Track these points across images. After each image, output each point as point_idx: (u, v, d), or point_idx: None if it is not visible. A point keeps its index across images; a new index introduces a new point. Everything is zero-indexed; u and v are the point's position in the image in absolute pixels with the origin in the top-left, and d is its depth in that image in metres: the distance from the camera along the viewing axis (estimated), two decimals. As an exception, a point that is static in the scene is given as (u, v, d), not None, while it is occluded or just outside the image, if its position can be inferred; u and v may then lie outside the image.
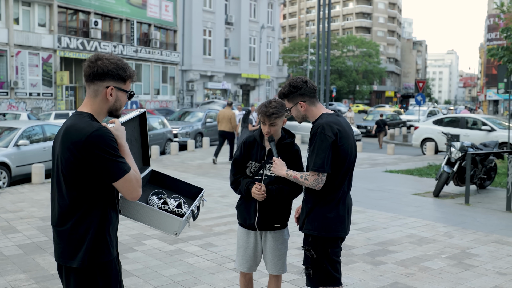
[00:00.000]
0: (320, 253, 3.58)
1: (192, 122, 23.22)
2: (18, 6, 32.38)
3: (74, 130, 2.56)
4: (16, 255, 6.40)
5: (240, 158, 4.04)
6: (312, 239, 3.60)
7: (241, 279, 4.17)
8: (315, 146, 3.45)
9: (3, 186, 11.83)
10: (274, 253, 3.99)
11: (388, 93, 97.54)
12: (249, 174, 3.99)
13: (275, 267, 4.02)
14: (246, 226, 4.01)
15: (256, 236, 4.02)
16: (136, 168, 2.65)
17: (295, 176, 3.57)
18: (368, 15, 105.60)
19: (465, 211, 9.26)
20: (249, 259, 4.04)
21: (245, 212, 3.98)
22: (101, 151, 2.50)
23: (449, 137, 11.72)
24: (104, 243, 2.64)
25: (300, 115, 3.68)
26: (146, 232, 7.51)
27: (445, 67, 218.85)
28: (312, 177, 3.46)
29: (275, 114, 3.78)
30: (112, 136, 2.56)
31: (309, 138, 3.57)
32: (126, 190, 2.58)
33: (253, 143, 4.01)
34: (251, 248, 4.03)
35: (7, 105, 31.15)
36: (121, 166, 2.53)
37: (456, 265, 6.11)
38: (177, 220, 2.98)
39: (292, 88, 3.62)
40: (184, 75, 47.67)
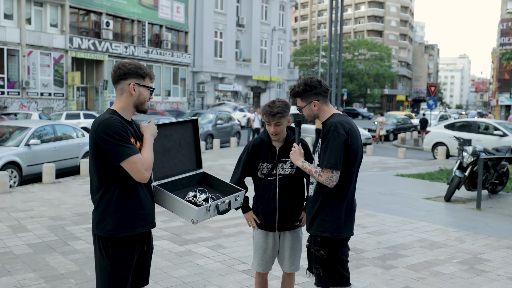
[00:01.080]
0: (330, 253, 3.59)
1: (202, 124, 23.23)
2: (30, 6, 32.60)
3: (95, 121, 3.11)
4: (26, 254, 6.41)
5: (247, 161, 4.05)
6: (322, 239, 3.60)
7: (257, 279, 4.22)
8: (329, 144, 3.47)
9: (14, 186, 11.88)
10: (292, 251, 4.08)
11: (399, 97, 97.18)
12: (261, 176, 4.01)
13: (292, 265, 4.09)
14: (265, 227, 4.03)
15: (275, 236, 4.08)
16: (148, 156, 3.10)
17: (310, 170, 3.59)
18: (380, 18, 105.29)
19: (477, 216, 9.18)
20: (268, 260, 4.11)
21: (263, 214, 4.01)
22: (107, 135, 3.01)
23: (461, 142, 11.62)
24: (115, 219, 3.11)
25: (312, 114, 3.69)
26: (156, 233, 7.50)
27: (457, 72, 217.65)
28: (326, 174, 3.47)
29: (279, 113, 3.83)
30: (119, 125, 3.05)
31: (320, 137, 3.59)
32: (131, 171, 3.04)
33: (261, 145, 4.03)
34: (270, 249, 4.09)
35: (18, 105, 31.35)
36: (125, 149, 3.01)
37: (468, 270, 6.04)
38: (193, 209, 3.30)
39: (308, 87, 3.63)
40: (195, 77, 47.75)
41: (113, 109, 3.19)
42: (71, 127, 14.81)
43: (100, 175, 3.12)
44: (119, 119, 3.09)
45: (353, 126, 3.58)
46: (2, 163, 11.66)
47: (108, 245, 3.12)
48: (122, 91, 3.19)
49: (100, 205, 3.14)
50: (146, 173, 3.05)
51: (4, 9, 31.12)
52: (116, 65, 3.23)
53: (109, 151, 3.01)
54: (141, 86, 3.20)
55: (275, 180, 3.95)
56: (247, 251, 6.62)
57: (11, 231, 7.58)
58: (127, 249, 3.14)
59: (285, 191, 3.96)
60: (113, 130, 3.00)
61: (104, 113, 3.15)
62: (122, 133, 3.02)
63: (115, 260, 3.12)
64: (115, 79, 3.20)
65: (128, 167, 3.02)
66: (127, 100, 3.19)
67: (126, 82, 3.17)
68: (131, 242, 3.16)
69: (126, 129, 3.10)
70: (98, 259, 3.18)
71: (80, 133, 14.71)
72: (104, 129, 3.01)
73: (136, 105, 3.22)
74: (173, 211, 3.38)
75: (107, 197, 3.11)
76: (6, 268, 5.85)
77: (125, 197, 3.12)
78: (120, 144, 3.00)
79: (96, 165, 3.11)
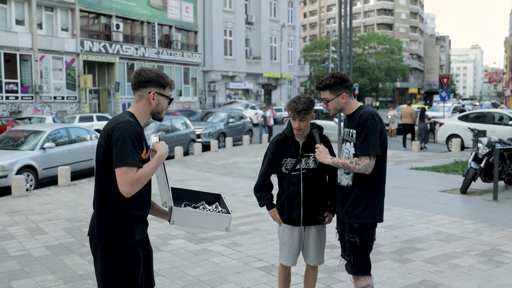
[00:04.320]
0: (365, 240, 3.74)
1: (214, 123, 23.26)
2: (41, 11, 32.86)
3: (112, 120, 3.04)
4: (44, 256, 6.47)
5: (273, 156, 4.14)
6: (359, 226, 3.73)
7: (281, 272, 4.29)
8: (369, 132, 3.63)
9: (30, 189, 11.98)
10: (317, 245, 4.15)
11: (411, 90, 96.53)
12: (285, 171, 4.09)
13: (317, 258, 4.17)
14: (290, 221, 4.09)
15: (301, 231, 4.14)
16: (144, 172, 2.92)
17: (344, 162, 3.69)
18: (389, 11, 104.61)
19: (494, 208, 9.10)
20: (295, 253, 4.16)
21: (289, 208, 4.08)
22: (120, 137, 2.90)
23: (475, 133, 11.52)
24: (125, 227, 2.99)
25: (338, 107, 3.82)
26: (171, 232, 7.53)
27: (469, 62, 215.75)
28: (364, 161, 3.63)
29: (305, 110, 3.90)
30: (136, 130, 2.94)
31: (356, 126, 3.69)
32: (118, 180, 2.88)
33: (285, 140, 4.11)
34: (297, 243, 4.15)
35: (32, 109, 31.62)
36: (127, 157, 2.87)
37: (486, 262, 5.99)
38: (227, 217, 3.33)
39: (338, 79, 3.77)
40: (205, 76, 47.82)
41: (131, 112, 3.12)
42: (84, 130, 14.91)
43: (108, 177, 2.98)
44: (137, 125, 3.00)
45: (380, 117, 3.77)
46: (18, 167, 11.76)
47: (115, 253, 2.98)
48: (141, 98, 3.12)
49: (106, 209, 2.99)
50: (128, 188, 2.87)
51: (15, 15, 31.40)
52: (138, 71, 3.15)
53: (115, 152, 2.89)
54: (161, 95, 3.14)
55: (299, 175, 4.02)
56: (263, 248, 6.63)
57: (29, 233, 7.66)
58: (133, 256, 3.02)
59: (309, 185, 4.03)
60: (128, 133, 2.90)
61: (124, 114, 3.07)
62: (135, 140, 2.92)
63: (123, 269, 2.99)
64: (135, 85, 3.13)
65: (118, 175, 2.88)
66: (144, 108, 3.13)
67: (146, 90, 3.10)
68: (136, 248, 3.04)
69: (142, 136, 3.02)
70: (102, 269, 3.02)
71: (94, 135, 14.80)
72: (121, 129, 2.91)
73: (153, 114, 3.16)
74: (201, 226, 3.32)
75: (114, 202, 2.98)
76: (25, 270, 5.90)
77: (132, 201, 3.01)
78: (127, 149, 2.87)
79: (106, 165, 2.98)
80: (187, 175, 13.63)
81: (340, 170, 3.86)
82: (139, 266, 3.05)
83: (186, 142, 19.72)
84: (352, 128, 3.75)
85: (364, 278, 3.78)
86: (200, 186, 11.54)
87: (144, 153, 3.03)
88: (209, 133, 22.05)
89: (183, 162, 16.86)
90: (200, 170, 14.63)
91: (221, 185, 11.87)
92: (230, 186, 11.79)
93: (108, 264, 3.00)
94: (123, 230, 2.98)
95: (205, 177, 13.24)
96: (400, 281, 5.36)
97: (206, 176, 13.43)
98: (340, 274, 5.55)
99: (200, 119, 24.75)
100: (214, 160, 17.32)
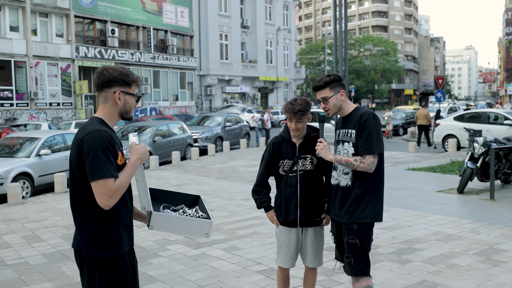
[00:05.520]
0: (365, 241, 3.75)
1: (211, 127, 23.25)
2: (36, 18, 32.81)
3: (80, 130, 2.85)
4: (41, 264, 6.44)
5: (270, 159, 4.17)
6: (358, 227, 3.74)
7: (279, 274, 4.30)
8: (371, 130, 3.67)
9: (26, 196, 11.94)
10: (314, 246, 4.16)
11: (407, 91, 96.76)
12: (282, 173, 4.12)
13: (315, 260, 4.18)
14: (287, 223, 4.11)
15: (298, 232, 4.15)
16: (121, 182, 2.76)
17: (347, 160, 3.70)
18: (384, 13, 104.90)
19: (491, 207, 9.11)
20: (292, 255, 4.17)
21: (286, 209, 4.10)
22: (90, 148, 2.72)
23: (471, 133, 11.54)
24: (112, 238, 2.85)
25: (338, 104, 3.85)
26: (169, 237, 7.51)
27: (464, 63, 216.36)
28: (369, 159, 3.66)
29: (301, 111, 3.94)
30: (106, 138, 2.76)
31: (357, 126, 3.72)
32: (96, 194, 2.72)
33: (282, 142, 4.15)
34: (294, 245, 4.16)
35: (27, 116, 31.54)
36: (102, 168, 2.69)
37: (484, 261, 5.99)
38: (207, 222, 3.22)
39: (336, 77, 3.85)
40: (202, 80, 47.83)
41: (99, 117, 2.94)
42: (80, 136, 14.86)
43: (87, 190, 2.80)
44: (107, 132, 2.81)
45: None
46: (14, 174, 11.72)
47: (103, 264, 2.85)
48: (107, 100, 2.93)
49: (89, 222, 2.83)
50: (108, 201, 2.71)
51: (9, 21, 31.34)
52: (99, 70, 2.95)
53: (88, 165, 2.71)
54: (127, 94, 2.95)
55: (296, 176, 4.05)
56: (262, 252, 6.61)
57: (25, 241, 7.62)
58: (123, 266, 2.91)
59: (306, 187, 4.06)
60: (100, 143, 2.73)
61: (91, 122, 2.88)
62: (107, 148, 2.74)
63: (112, 280, 2.86)
64: (98, 85, 2.93)
65: (95, 188, 2.71)
66: (111, 109, 2.95)
67: (111, 90, 2.92)
68: (125, 258, 2.93)
69: (114, 142, 2.83)
70: (89, 281, 2.88)
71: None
72: (91, 140, 2.73)
73: (122, 114, 2.98)
74: (181, 232, 3.22)
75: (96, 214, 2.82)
76: (22, 278, 5.87)
77: (116, 210, 2.86)
78: (100, 161, 2.70)
79: (82, 179, 2.80)
80: (185, 180, 13.60)
81: (337, 171, 3.85)
82: (127, 276, 2.94)
83: (183, 147, 19.69)
84: (351, 128, 3.76)
85: (364, 279, 3.78)
86: (197, 191, 11.51)
87: (119, 159, 2.87)
88: (206, 137, 22.02)
89: (181, 166, 16.83)
90: (198, 175, 14.60)
91: (219, 189, 11.85)
92: (228, 190, 11.77)
93: (95, 277, 2.86)
94: (110, 242, 2.84)
95: (202, 182, 13.21)
96: (399, 282, 5.35)
97: (204, 181, 13.41)
98: (339, 276, 5.54)
99: (197, 123, 24.72)
100: (212, 164, 17.30)
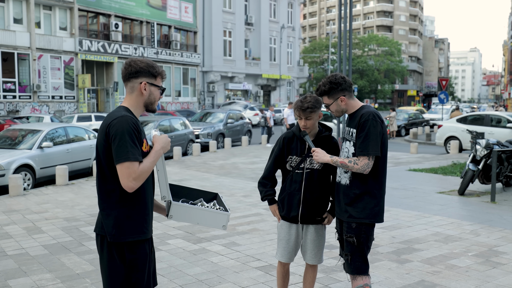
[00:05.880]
0: (363, 240, 3.74)
1: (213, 123, 23.26)
2: (40, 10, 32.81)
3: (108, 116, 2.98)
4: (42, 255, 6.46)
5: (279, 153, 4.21)
6: (357, 226, 3.73)
7: (279, 269, 4.35)
8: (369, 132, 3.64)
9: (28, 188, 11.96)
10: (315, 244, 4.19)
11: (410, 92, 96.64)
12: (289, 169, 4.16)
13: (315, 257, 4.22)
14: (289, 218, 4.15)
15: (298, 228, 4.20)
16: (145, 166, 2.88)
17: (342, 161, 3.71)
18: (389, 13, 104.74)
19: (491, 209, 9.11)
20: (290, 250, 4.22)
21: (288, 205, 4.14)
22: (117, 133, 2.85)
23: (474, 135, 11.52)
24: (134, 223, 2.97)
25: (340, 109, 3.86)
26: (169, 231, 7.52)
27: (468, 65, 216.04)
28: (363, 161, 3.64)
29: (310, 108, 3.97)
30: (133, 124, 2.89)
31: (357, 126, 3.71)
32: (121, 175, 2.84)
33: (293, 138, 4.18)
34: (293, 240, 4.21)
35: (30, 109, 31.58)
36: (128, 152, 2.82)
37: (483, 263, 6.00)
38: (225, 214, 3.32)
39: (334, 85, 3.81)
40: (205, 77, 47.82)
41: (125, 106, 3.06)
42: (83, 129, 14.88)
43: (112, 174, 2.93)
44: (134, 118, 2.94)
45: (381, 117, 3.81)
46: (16, 166, 11.74)
47: (123, 249, 2.96)
48: (133, 90, 3.06)
49: (113, 206, 2.96)
50: (132, 183, 2.83)
51: (13, 13, 31.35)
52: (128, 62, 3.09)
53: (114, 149, 2.84)
54: (152, 86, 3.08)
55: (302, 174, 4.09)
56: (261, 248, 6.63)
57: (26, 233, 7.64)
58: (141, 252, 3.01)
59: (311, 185, 4.08)
60: (126, 128, 2.85)
61: (118, 110, 3.02)
62: (133, 134, 2.87)
63: (131, 264, 2.97)
64: (125, 76, 3.06)
65: (120, 170, 2.83)
66: (137, 99, 3.06)
67: (137, 81, 3.04)
68: (144, 244, 3.03)
69: (140, 129, 2.96)
70: (109, 264, 2.99)
71: (92, 135, 14.77)
72: (118, 125, 2.86)
73: (146, 105, 3.10)
74: (199, 223, 3.29)
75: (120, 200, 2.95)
76: (23, 269, 5.89)
77: (139, 198, 2.99)
78: (125, 144, 2.82)
79: (108, 164, 2.93)
80: (186, 175, 13.62)
81: (340, 168, 3.88)
82: (146, 263, 3.04)
83: (184, 143, 19.72)
84: (353, 127, 3.77)
85: (361, 277, 3.79)
86: (198, 186, 11.53)
87: (144, 146, 2.99)
88: (208, 134, 22.04)
89: (182, 162, 16.84)
90: (199, 171, 14.62)
91: (220, 185, 11.86)
92: (228, 186, 11.78)
93: (115, 260, 2.97)
94: (132, 227, 2.96)
95: (203, 177, 13.23)
96: (398, 281, 5.36)
97: (205, 176, 13.42)
98: (338, 274, 5.56)
99: (199, 119, 24.74)
100: (213, 160, 17.31)
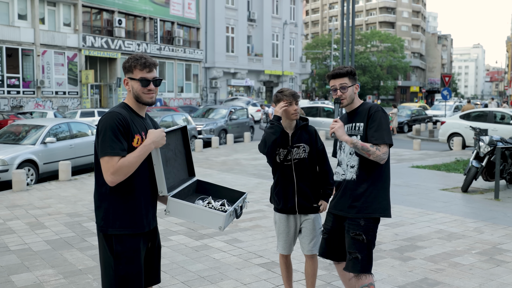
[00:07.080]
0: (371, 238, 3.71)
1: (216, 119, 23.24)
2: (44, 6, 32.81)
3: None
4: (44, 250, 6.46)
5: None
6: (365, 223, 3.69)
7: (282, 260, 4.46)
8: (382, 122, 3.68)
9: (31, 183, 11.98)
10: (314, 233, 4.28)
11: (413, 89, 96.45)
12: (279, 161, 4.27)
13: (314, 247, 4.28)
14: (286, 210, 4.24)
15: (296, 219, 4.31)
16: (126, 161, 2.91)
17: (364, 144, 3.63)
18: (391, 9, 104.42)
19: (495, 206, 9.08)
20: (291, 242, 4.36)
21: (284, 197, 4.24)
22: (102, 128, 2.94)
23: (477, 132, 11.49)
24: (122, 217, 3.03)
25: (352, 96, 3.88)
26: (172, 228, 7.52)
27: (471, 62, 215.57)
28: (384, 149, 3.64)
29: (295, 93, 4.21)
30: (119, 119, 2.94)
31: (366, 118, 3.73)
32: (102, 169, 2.92)
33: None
34: (292, 231, 4.33)
35: (34, 104, 31.62)
36: (107, 146, 2.88)
37: (487, 260, 5.98)
38: (221, 215, 3.24)
39: (354, 71, 3.93)
40: (207, 73, 47.77)
41: (125, 102, 3.17)
42: (86, 125, 14.89)
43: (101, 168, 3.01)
44: (121, 114, 2.99)
45: None
46: (19, 161, 11.75)
47: (112, 240, 3.04)
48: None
49: (102, 199, 3.05)
50: (111, 177, 2.89)
51: (18, 9, 31.37)
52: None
53: (98, 143, 2.94)
54: (132, 80, 3.10)
55: (291, 165, 4.21)
56: (263, 245, 6.62)
57: (29, 228, 7.65)
58: (131, 245, 3.04)
59: (301, 174, 4.22)
60: (110, 123, 2.92)
61: (116, 105, 3.13)
62: (117, 128, 2.92)
63: (118, 256, 3.03)
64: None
65: (102, 165, 2.92)
66: (129, 95, 3.15)
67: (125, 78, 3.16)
68: (135, 238, 3.07)
69: (128, 124, 2.99)
70: (102, 255, 3.11)
71: (95, 130, 14.76)
72: (104, 120, 2.96)
73: (136, 99, 3.12)
74: (195, 221, 3.27)
75: (110, 193, 3.02)
76: (25, 264, 5.90)
77: (128, 193, 3.03)
78: (108, 139, 2.90)
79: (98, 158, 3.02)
80: (188, 171, 13.59)
81: (342, 166, 3.83)
82: (134, 256, 3.06)
83: (187, 139, 19.68)
84: (359, 122, 3.77)
85: (366, 276, 3.71)
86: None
87: (136, 141, 3.01)
88: (210, 130, 22.03)
89: (184, 158, 16.81)
90: (201, 167, 14.61)
91: (222, 182, 11.85)
92: (231, 182, 11.77)
93: (107, 251, 3.06)
94: (120, 221, 3.03)
95: (206, 174, 13.22)
96: (400, 279, 5.35)
97: (207, 173, 13.42)
98: (340, 271, 5.54)
99: (202, 115, 24.72)
100: (215, 156, 17.31)
